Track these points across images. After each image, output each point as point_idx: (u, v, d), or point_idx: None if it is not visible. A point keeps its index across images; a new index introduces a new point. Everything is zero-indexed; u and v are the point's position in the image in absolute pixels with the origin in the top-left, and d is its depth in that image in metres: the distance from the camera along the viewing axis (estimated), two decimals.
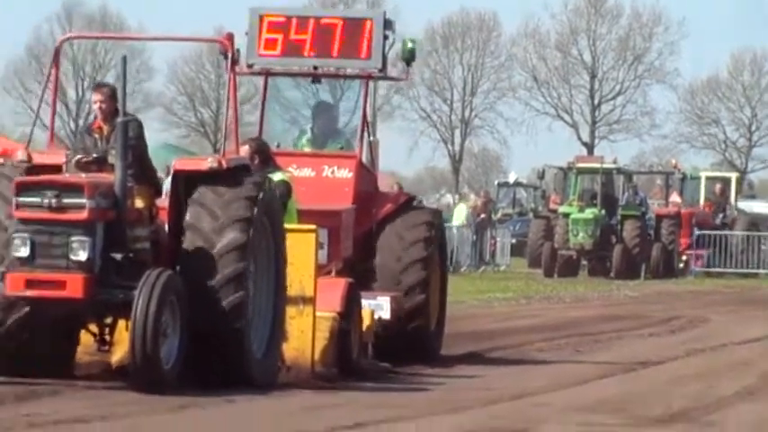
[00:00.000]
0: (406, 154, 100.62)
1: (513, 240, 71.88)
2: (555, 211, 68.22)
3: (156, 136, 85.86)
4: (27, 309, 21.33)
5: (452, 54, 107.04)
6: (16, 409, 19.40)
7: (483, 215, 71.00)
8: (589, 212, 66.11)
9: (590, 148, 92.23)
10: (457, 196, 76.76)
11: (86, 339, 22.36)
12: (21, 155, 22.92)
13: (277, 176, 24.55)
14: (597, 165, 72.60)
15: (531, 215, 73.85)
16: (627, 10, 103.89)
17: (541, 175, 75.30)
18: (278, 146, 27.19)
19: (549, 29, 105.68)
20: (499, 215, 74.76)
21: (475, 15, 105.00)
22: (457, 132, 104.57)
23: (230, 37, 24.21)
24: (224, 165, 22.49)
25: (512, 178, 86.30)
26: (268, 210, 22.64)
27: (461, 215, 66.65)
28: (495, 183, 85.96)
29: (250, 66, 27.86)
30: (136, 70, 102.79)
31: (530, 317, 40.82)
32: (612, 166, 72.96)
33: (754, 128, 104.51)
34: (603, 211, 66.48)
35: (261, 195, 22.42)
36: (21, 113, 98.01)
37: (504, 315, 40.80)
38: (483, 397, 23.42)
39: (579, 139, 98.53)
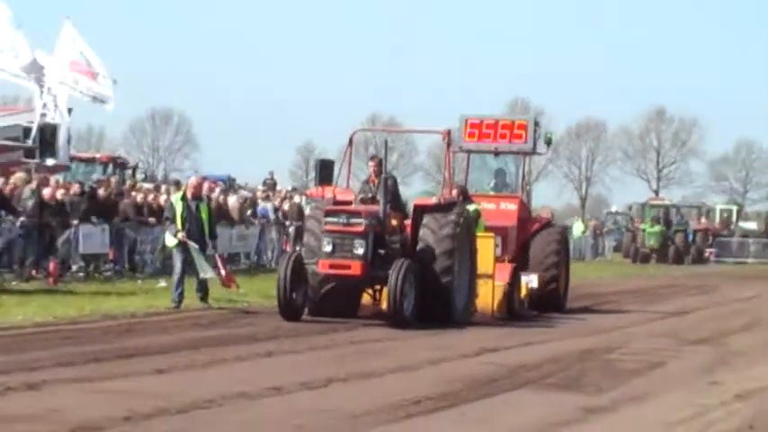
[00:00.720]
0: (557, 196, 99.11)
1: (614, 243, 70.94)
2: (638, 228, 67.40)
3: (419, 186, 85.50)
4: (331, 281, 21.64)
5: (580, 142, 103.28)
6: (346, 334, 20.02)
7: (598, 231, 70.59)
8: (657, 228, 65.15)
9: (657, 192, 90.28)
10: (577, 218, 76.01)
11: (366, 297, 22.61)
12: (328, 195, 23.24)
13: (472, 207, 24.18)
14: (661, 202, 72.77)
15: (624, 230, 72.84)
16: (677, 117, 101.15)
17: (630, 208, 75.22)
18: (475, 191, 26.65)
19: (635, 128, 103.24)
20: (606, 229, 73.77)
21: (592, 121, 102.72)
22: (584, 185, 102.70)
23: (448, 131, 24.29)
24: (441, 201, 22.73)
25: (614, 209, 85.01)
26: (466, 223, 22.40)
27: (578, 229, 66.05)
28: (605, 212, 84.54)
29: (459, 148, 27.28)
30: (409, 151, 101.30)
31: (623, 285, 39.94)
32: (669, 203, 72.63)
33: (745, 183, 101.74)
34: (665, 228, 65.60)
35: (463, 214, 22.47)
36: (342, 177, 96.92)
37: (608, 284, 40.01)
38: (594, 329, 23.19)
39: (650, 188, 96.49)
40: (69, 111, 32.46)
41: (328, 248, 21.28)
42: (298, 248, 22.92)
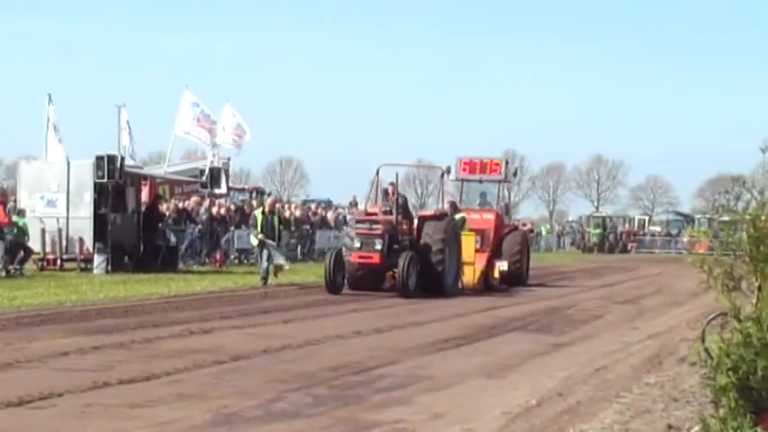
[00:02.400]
0: (534, 210, 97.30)
1: (571, 240, 69.76)
2: (585, 230, 66.49)
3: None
4: (360, 267, 20.17)
5: (549, 176, 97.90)
6: (402, 300, 19.38)
7: (560, 232, 69.72)
8: (597, 230, 64.38)
9: (597, 208, 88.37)
10: (545, 225, 74.33)
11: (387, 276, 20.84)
12: (360, 207, 22.49)
13: (459, 216, 22.76)
14: (600, 214, 71.47)
15: (577, 232, 71.43)
16: (609, 160, 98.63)
17: (580, 218, 73.97)
18: (465, 206, 24.99)
19: (583, 167, 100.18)
20: (565, 231, 72.35)
21: (556, 163, 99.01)
22: (551, 203, 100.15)
23: (449, 169, 23.64)
24: (437, 212, 21.73)
25: (570, 218, 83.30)
26: (452, 227, 21.06)
27: (546, 231, 65.19)
28: (565, 220, 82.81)
29: (456, 177, 25.87)
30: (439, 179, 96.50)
31: (575, 266, 39.46)
32: (605, 214, 71.21)
33: (653, 202, 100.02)
34: (602, 230, 64.76)
35: (450, 221, 21.28)
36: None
37: (566, 266, 39.52)
38: (557, 294, 22.79)
39: (593, 205, 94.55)
40: (228, 159, 32.61)
41: (358, 245, 19.97)
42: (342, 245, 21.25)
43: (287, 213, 34.05)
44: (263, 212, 21.70)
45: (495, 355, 11.83)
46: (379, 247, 19.89)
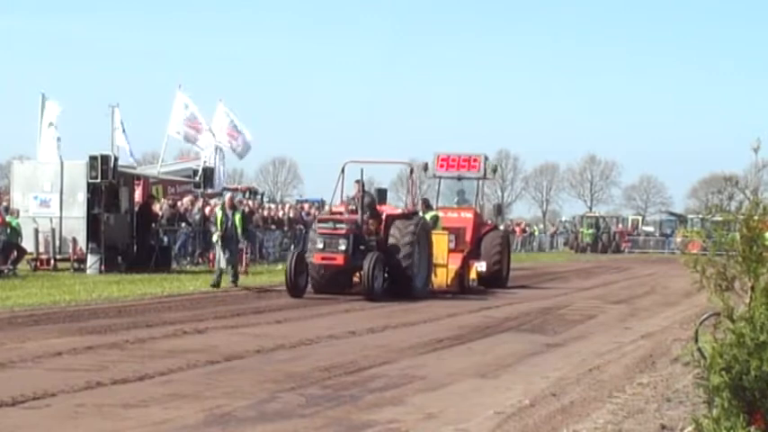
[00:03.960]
0: (527, 210, 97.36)
1: (564, 240, 69.71)
2: (579, 230, 66.46)
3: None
4: (323, 269, 19.31)
5: (542, 176, 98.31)
6: (396, 301, 19.19)
7: (553, 232, 69.75)
8: (591, 231, 64.37)
9: (590, 208, 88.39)
10: (537, 226, 74.25)
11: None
12: (326, 208, 21.74)
13: (431, 214, 22.11)
14: (593, 214, 71.60)
15: (570, 232, 71.47)
16: (602, 160, 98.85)
17: (573, 218, 74.14)
18: (442, 204, 24.58)
19: (576, 167, 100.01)
20: (559, 231, 72.04)
21: (550, 163, 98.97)
22: (544, 203, 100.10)
23: (426, 166, 23.39)
24: (405, 211, 20.88)
25: (564, 219, 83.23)
26: (422, 226, 20.12)
27: (537, 231, 65.22)
28: (558, 220, 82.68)
29: (433, 175, 25.28)
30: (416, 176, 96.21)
31: (569, 266, 39.26)
32: (598, 215, 71.24)
33: (646, 202, 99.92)
34: (595, 230, 64.76)
35: (420, 221, 20.30)
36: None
37: (560, 266, 39.37)
38: (550, 295, 22.61)
39: (586, 205, 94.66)
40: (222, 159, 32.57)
41: (320, 245, 19.09)
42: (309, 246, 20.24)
43: (280, 213, 34.08)
44: (222, 209, 21.10)
45: (489, 356, 11.82)
46: (343, 247, 19.03)
